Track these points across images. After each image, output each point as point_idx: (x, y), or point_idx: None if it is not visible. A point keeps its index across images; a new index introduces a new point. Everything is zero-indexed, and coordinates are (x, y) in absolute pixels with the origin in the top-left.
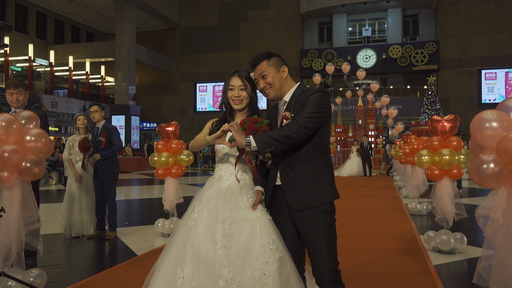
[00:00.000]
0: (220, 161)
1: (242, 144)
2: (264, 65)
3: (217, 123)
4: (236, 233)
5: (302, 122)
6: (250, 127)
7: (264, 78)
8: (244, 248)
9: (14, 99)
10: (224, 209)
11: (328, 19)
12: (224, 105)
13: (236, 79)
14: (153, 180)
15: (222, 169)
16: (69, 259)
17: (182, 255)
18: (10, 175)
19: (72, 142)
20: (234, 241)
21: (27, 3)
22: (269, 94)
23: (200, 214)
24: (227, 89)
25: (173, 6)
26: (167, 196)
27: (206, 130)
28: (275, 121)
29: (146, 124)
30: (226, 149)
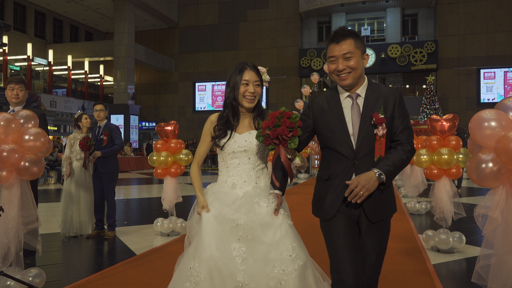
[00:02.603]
0: (230, 167)
1: (373, 179)
2: (352, 44)
3: (221, 127)
4: (255, 239)
5: (411, 142)
6: (286, 122)
7: (348, 60)
8: (262, 255)
9: (14, 94)
10: (243, 215)
11: (327, 19)
12: (231, 103)
13: (250, 73)
14: (152, 179)
15: (233, 175)
16: (68, 258)
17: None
18: (9, 175)
19: (73, 140)
20: (253, 247)
21: (26, 2)
22: (345, 80)
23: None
24: (239, 84)
25: (172, 5)
26: (166, 195)
27: (207, 137)
28: (338, 115)
29: (145, 123)
30: (239, 152)
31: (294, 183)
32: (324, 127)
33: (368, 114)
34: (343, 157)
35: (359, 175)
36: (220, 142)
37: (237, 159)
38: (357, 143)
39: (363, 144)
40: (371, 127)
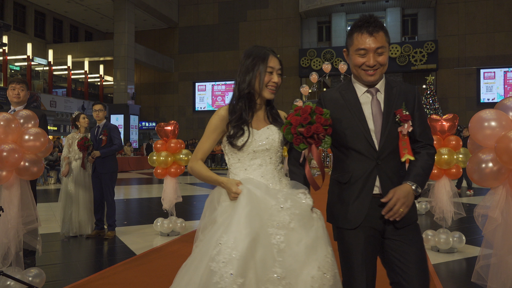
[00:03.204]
0: (250, 169)
1: (411, 193)
2: (384, 38)
3: (236, 123)
4: (296, 230)
5: (433, 143)
6: (320, 119)
7: (380, 55)
8: (302, 250)
9: (15, 93)
10: (285, 201)
11: (327, 18)
12: (248, 94)
13: (274, 60)
14: (152, 179)
15: (253, 175)
16: (68, 258)
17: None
18: (9, 174)
19: (71, 139)
20: (292, 237)
21: (26, 2)
22: (373, 75)
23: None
24: (263, 72)
25: (172, 5)
26: (166, 195)
27: (214, 134)
28: (357, 110)
29: (145, 123)
30: (260, 151)
31: None
32: (340, 123)
33: (390, 110)
34: (364, 157)
35: (396, 190)
36: (237, 141)
37: (258, 159)
38: (381, 142)
39: (386, 143)
40: (394, 125)
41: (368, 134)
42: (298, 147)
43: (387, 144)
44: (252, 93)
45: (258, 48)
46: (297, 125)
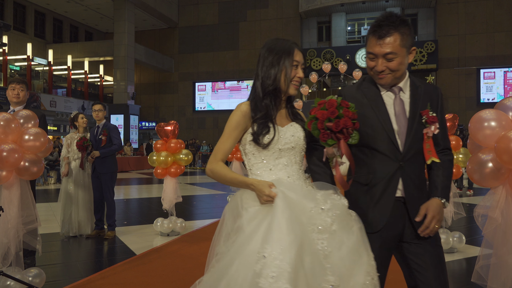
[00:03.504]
0: (275, 169)
1: (442, 208)
2: (397, 41)
3: (263, 120)
4: (338, 232)
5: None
6: (348, 113)
7: (389, 61)
8: (347, 253)
9: (15, 93)
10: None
11: (327, 18)
12: (273, 90)
13: (300, 54)
14: (152, 179)
15: (278, 175)
16: (68, 258)
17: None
18: (9, 174)
19: (70, 140)
20: (335, 240)
21: (26, 2)
22: (382, 79)
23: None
24: (289, 67)
25: (172, 5)
26: (166, 195)
27: (236, 131)
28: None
29: (145, 123)
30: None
31: None
32: (362, 122)
33: (416, 111)
34: (386, 157)
35: (428, 208)
36: (263, 139)
37: (283, 159)
38: (406, 143)
39: (411, 144)
40: (420, 126)
41: (392, 134)
42: (326, 143)
43: (412, 145)
44: (278, 89)
45: (282, 41)
46: (324, 119)
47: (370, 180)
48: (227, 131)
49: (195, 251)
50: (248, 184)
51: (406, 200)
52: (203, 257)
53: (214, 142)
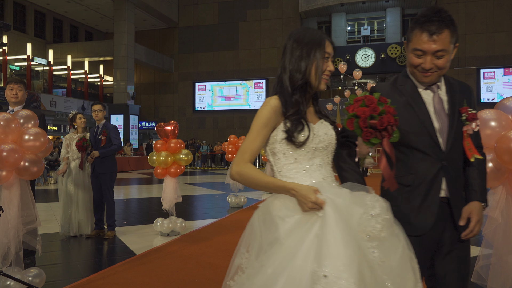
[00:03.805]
0: (310, 170)
1: (482, 211)
2: (448, 38)
3: (297, 116)
4: (387, 238)
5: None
6: (390, 109)
7: (438, 58)
8: (399, 261)
9: (13, 93)
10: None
11: (327, 18)
12: (303, 84)
13: (330, 46)
14: (152, 179)
15: (313, 177)
16: (68, 258)
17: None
18: (9, 174)
19: (69, 140)
20: (385, 248)
21: (26, 2)
22: (428, 77)
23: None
24: (320, 59)
25: (172, 5)
26: (166, 195)
27: (265, 129)
28: (419, 107)
29: (145, 123)
30: (320, 148)
31: None
32: (401, 121)
33: (455, 108)
34: (428, 157)
35: (471, 212)
36: (298, 137)
37: (317, 159)
38: (448, 141)
39: (453, 143)
40: (459, 124)
41: (434, 133)
42: (369, 142)
43: (454, 143)
44: (308, 83)
45: (312, 32)
46: (366, 117)
47: (412, 181)
48: (255, 129)
49: (195, 251)
50: (288, 189)
51: (450, 201)
52: (203, 257)
53: (214, 142)
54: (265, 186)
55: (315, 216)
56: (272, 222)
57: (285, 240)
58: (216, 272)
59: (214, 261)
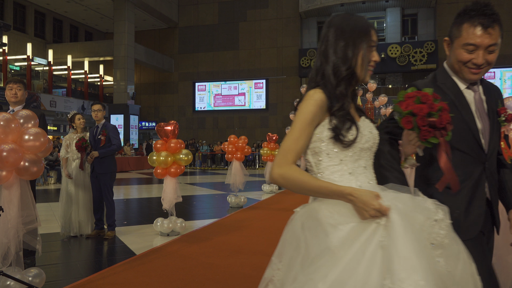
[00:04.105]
0: (356, 173)
1: None
2: (498, 32)
3: (342, 112)
4: (450, 246)
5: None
6: (445, 107)
7: (490, 53)
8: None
9: (13, 93)
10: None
11: (327, 18)
12: (348, 76)
13: (375, 34)
14: (152, 179)
15: (363, 186)
16: (68, 258)
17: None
18: (9, 174)
19: (69, 140)
20: (449, 256)
21: (26, 2)
22: (477, 74)
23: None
24: (366, 48)
25: (172, 5)
26: (166, 195)
27: (310, 127)
28: (463, 107)
29: (145, 123)
30: (366, 149)
31: None
32: None
33: (492, 108)
34: (471, 158)
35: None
36: (347, 136)
37: (362, 160)
38: (490, 143)
39: (494, 144)
40: (498, 124)
41: (477, 134)
42: (427, 142)
43: (494, 145)
44: (354, 75)
45: (356, 19)
46: (424, 114)
47: None
48: (299, 126)
49: (195, 251)
50: (345, 195)
51: (492, 204)
52: (203, 257)
53: (214, 142)
54: (316, 191)
55: (373, 223)
56: (321, 230)
57: (339, 251)
58: (216, 272)
59: (214, 261)
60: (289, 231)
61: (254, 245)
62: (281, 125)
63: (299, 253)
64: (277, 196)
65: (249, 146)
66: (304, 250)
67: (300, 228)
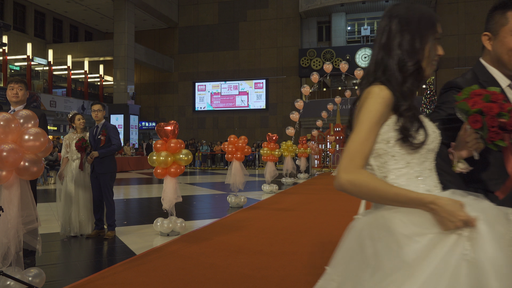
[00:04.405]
0: (423, 176)
1: None
2: None
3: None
4: None
5: None
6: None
7: None
8: None
9: (14, 93)
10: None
11: (327, 18)
12: (416, 70)
13: (440, 26)
14: (151, 179)
15: (431, 190)
16: (68, 258)
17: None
18: (9, 174)
19: (68, 140)
20: None
21: (26, 2)
22: None
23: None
24: (432, 41)
25: (172, 5)
26: (166, 195)
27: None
28: None
29: (145, 123)
30: (432, 150)
31: (294, 183)
32: None
33: None
34: None
35: None
36: (417, 137)
37: (427, 162)
38: None
39: None
40: None
41: None
42: (493, 145)
43: None
44: (420, 70)
45: (420, 9)
46: (494, 114)
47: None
48: (366, 126)
49: (195, 251)
50: (426, 203)
51: None
52: (203, 257)
53: (214, 142)
54: (392, 199)
55: (453, 235)
56: (394, 241)
57: (416, 264)
58: (216, 272)
59: (214, 261)
60: (351, 241)
61: (254, 245)
62: (281, 125)
63: (365, 266)
64: (277, 196)
65: (249, 146)
66: (373, 262)
67: (368, 239)
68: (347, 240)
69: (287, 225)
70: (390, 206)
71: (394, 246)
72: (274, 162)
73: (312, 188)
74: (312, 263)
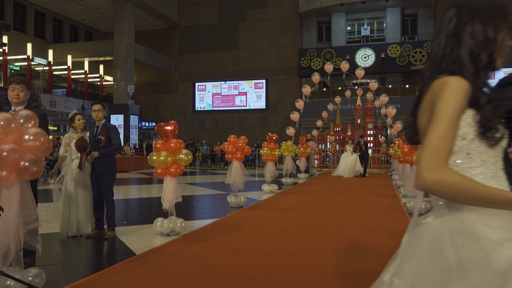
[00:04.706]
0: (497, 175)
1: None
2: None
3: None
4: None
5: None
6: None
7: None
8: None
9: (15, 94)
10: None
11: (327, 18)
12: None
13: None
14: (151, 179)
15: (501, 185)
16: (68, 258)
17: None
18: (9, 174)
19: (68, 139)
20: None
21: (26, 2)
22: None
23: None
24: (506, 30)
25: (172, 5)
26: (166, 195)
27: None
28: None
29: (145, 123)
30: (502, 148)
31: (294, 183)
32: None
33: None
34: None
35: None
36: (496, 133)
37: (500, 162)
38: None
39: None
40: None
41: None
42: None
43: None
44: (493, 61)
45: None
46: None
47: None
48: (447, 119)
49: (195, 251)
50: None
51: None
52: (203, 257)
53: (214, 142)
54: (484, 199)
55: None
56: (481, 248)
57: (511, 273)
58: (216, 272)
59: (214, 261)
60: (425, 248)
61: (254, 245)
62: (281, 125)
63: (448, 276)
64: (277, 196)
65: (249, 146)
66: (458, 272)
67: (450, 246)
68: (418, 247)
69: (287, 225)
70: (469, 208)
71: (482, 253)
72: (274, 162)
73: (312, 188)
74: (312, 263)
